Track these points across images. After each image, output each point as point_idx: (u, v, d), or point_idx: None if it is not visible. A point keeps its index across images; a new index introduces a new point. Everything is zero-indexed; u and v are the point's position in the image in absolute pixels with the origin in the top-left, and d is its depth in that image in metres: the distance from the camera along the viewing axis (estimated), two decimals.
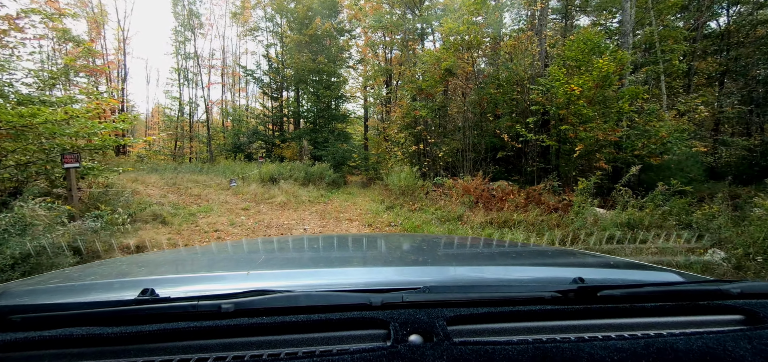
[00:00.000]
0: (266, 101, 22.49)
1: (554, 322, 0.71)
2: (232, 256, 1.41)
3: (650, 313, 0.75)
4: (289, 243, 1.69)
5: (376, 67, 20.04)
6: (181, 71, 24.43)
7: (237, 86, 28.62)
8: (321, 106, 20.09)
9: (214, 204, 8.10)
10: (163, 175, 14.51)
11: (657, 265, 1.24)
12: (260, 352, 0.60)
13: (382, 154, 16.44)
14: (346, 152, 17.25)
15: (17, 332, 0.62)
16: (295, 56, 19.31)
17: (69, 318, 0.64)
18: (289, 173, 11.90)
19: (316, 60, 19.19)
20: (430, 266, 1.17)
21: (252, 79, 21.29)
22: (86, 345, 0.61)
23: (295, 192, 9.84)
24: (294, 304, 0.69)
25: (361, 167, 19.74)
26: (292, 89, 21.25)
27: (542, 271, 1.16)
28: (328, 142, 17.51)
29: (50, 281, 0.99)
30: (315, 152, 17.34)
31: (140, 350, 0.61)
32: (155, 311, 0.65)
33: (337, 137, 19.43)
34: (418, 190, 8.69)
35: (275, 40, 21.57)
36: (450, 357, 0.57)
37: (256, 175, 11.25)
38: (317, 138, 19.18)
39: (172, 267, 1.21)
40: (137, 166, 18.16)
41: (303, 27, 19.49)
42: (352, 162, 18.42)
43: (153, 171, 16.54)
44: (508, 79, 9.30)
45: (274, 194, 9.40)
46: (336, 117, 21.47)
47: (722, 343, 0.62)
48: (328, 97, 20.32)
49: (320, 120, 20.81)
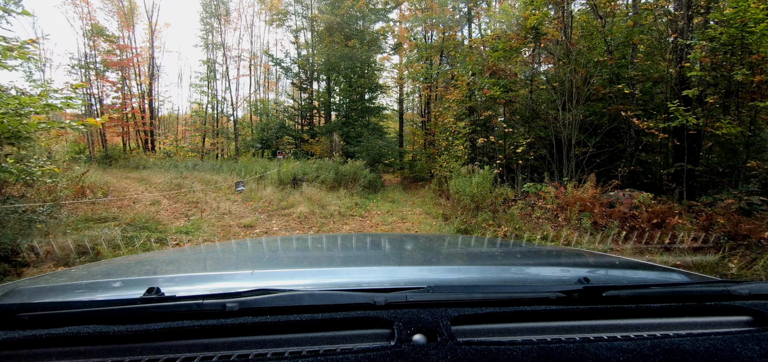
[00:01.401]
0: (295, 93, 20.55)
1: (559, 323, 0.69)
2: (237, 255, 1.39)
3: (656, 314, 0.73)
4: (293, 242, 1.69)
5: (420, 41, 17.35)
6: (209, 63, 23.26)
7: (267, 80, 27.16)
8: (354, 97, 17.75)
9: (211, 216, 5.88)
10: (178, 173, 12.84)
11: (663, 265, 1.23)
12: (265, 351, 0.60)
13: (419, 151, 13.80)
14: (382, 148, 14.69)
15: (25, 330, 0.62)
16: (326, 40, 17.10)
17: (76, 316, 0.64)
18: (316, 173, 9.57)
19: (349, 44, 16.85)
20: (433, 265, 1.17)
21: (280, 68, 19.40)
22: (93, 343, 0.61)
23: (321, 199, 7.43)
24: (298, 303, 0.68)
25: (395, 165, 17.34)
26: (323, 78, 19.07)
27: (547, 271, 1.15)
28: (362, 137, 15.07)
29: (57, 280, 1.02)
30: (347, 148, 14.98)
31: (146, 348, 0.61)
32: (161, 309, 0.65)
33: (372, 131, 17.00)
34: (495, 200, 5.90)
35: (305, 24, 19.52)
36: (454, 357, 0.56)
37: (275, 175, 9.02)
38: (350, 132, 16.85)
39: (177, 266, 1.21)
40: (162, 162, 16.99)
41: (334, 7, 17.22)
42: (388, 159, 15.87)
43: (173, 168, 15.11)
44: (635, 34, 6.20)
45: (293, 202, 7.05)
46: (370, 109, 19.05)
47: (730, 344, 0.61)
48: (362, 87, 17.93)
49: (353, 113, 18.49)
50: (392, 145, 17.22)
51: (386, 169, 16.60)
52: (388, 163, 16.10)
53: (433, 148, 10.81)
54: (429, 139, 14.88)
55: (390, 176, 18.77)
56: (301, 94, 19.76)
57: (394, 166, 17.66)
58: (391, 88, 23.00)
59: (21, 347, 0.60)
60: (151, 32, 23.45)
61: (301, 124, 19.49)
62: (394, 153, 17.58)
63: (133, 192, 8.76)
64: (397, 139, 21.67)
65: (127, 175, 13.06)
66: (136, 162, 17.74)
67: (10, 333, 0.61)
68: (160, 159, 18.48)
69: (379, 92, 19.44)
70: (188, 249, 1.96)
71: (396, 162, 18.13)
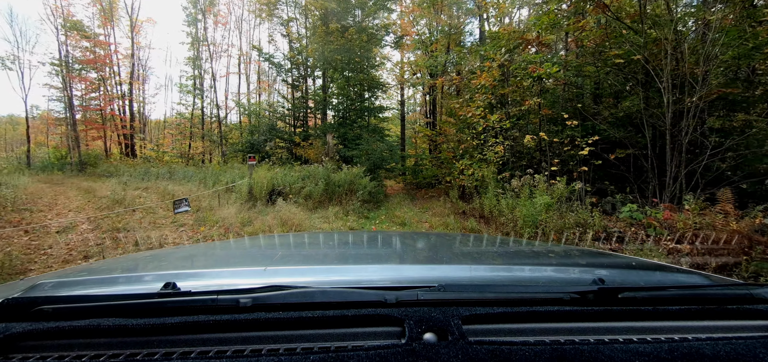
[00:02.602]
0: (287, 92, 18.49)
1: (573, 324, 0.68)
2: (250, 252, 1.40)
3: (674, 317, 0.71)
4: (306, 239, 1.67)
5: (424, 36, 15.44)
6: (195, 62, 21.30)
7: (261, 80, 25.12)
8: (352, 95, 15.69)
9: (123, 254, 3.77)
10: (139, 182, 10.74)
11: (681, 267, 1.17)
12: (277, 346, 0.60)
13: (424, 154, 11.72)
14: (383, 151, 12.54)
15: (49, 321, 0.64)
16: (320, 30, 15.09)
17: (97, 309, 0.65)
18: (301, 182, 7.46)
19: (346, 34, 14.84)
20: (445, 264, 1.14)
21: (271, 64, 17.37)
22: (113, 335, 0.62)
23: (301, 222, 5.30)
24: (310, 300, 0.68)
25: (397, 170, 15.37)
26: (318, 75, 17.01)
27: (561, 272, 1.10)
28: (362, 139, 12.95)
29: (79, 274, 1.02)
30: (344, 152, 12.88)
31: (163, 341, 0.61)
32: (177, 304, 0.66)
33: (372, 132, 14.93)
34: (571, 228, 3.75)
35: (297, 15, 17.53)
36: (465, 357, 0.55)
37: (246, 186, 6.88)
38: (347, 133, 14.79)
39: (192, 262, 1.22)
40: (134, 169, 14.94)
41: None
42: (389, 164, 13.76)
43: (143, 176, 13.06)
44: None
45: (260, 227, 4.93)
46: (370, 109, 17.00)
47: (752, 350, 0.59)
48: (361, 83, 15.90)
49: (351, 113, 16.45)
50: (394, 148, 15.12)
51: (388, 175, 14.51)
52: (389, 169, 13.99)
53: (449, 151, 8.69)
54: (441, 140, 12.78)
55: (392, 182, 16.73)
56: (293, 93, 17.71)
57: (395, 171, 15.62)
58: (392, 87, 21.03)
59: (45, 338, 0.62)
60: (132, 27, 21.53)
61: (294, 125, 17.42)
62: (396, 157, 15.52)
63: (60, 209, 6.67)
64: (399, 142, 19.68)
65: (79, 185, 10.97)
66: (105, 169, 15.70)
67: (35, 325, 0.63)
68: (133, 165, 16.41)
69: (379, 91, 17.41)
70: (203, 245, 1.91)
71: (398, 167, 16.10)
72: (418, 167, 17.52)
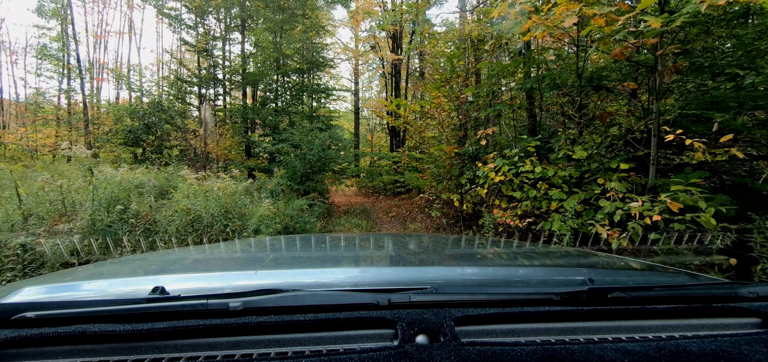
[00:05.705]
0: (196, 62, 13.28)
1: (563, 324, 0.68)
2: (241, 255, 1.36)
3: (662, 315, 0.71)
4: (297, 242, 1.62)
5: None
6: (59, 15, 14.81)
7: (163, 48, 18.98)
8: (284, 69, 11.31)
9: None
10: None
11: (669, 267, 1.19)
12: (268, 351, 0.59)
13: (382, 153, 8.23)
14: (328, 146, 8.42)
15: (32, 328, 0.60)
16: None
17: (83, 315, 0.62)
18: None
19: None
20: (437, 266, 1.13)
21: (160, 14, 12.11)
22: (99, 341, 0.60)
23: None
24: (301, 303, 0.67)
25: (349, 171, 11.73)
26: (236, 36, 12.17)
27: (552, 272, 1.09)
28: (296, 129, 8.67)
29: (64, 279, 0.98)
30: (280, 147, 8.51)
31: (151, 347, 0.60)
32: (166, 309, 0.64)
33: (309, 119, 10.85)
34: None
35: None
36: (458, 358, 0.55)
37: None
38: (275, 121, 10.42)
39: (182, 266, 1.17)
40: None
41: None
42: (338, 165, 9.84)
43: None
44: None
45: None
46: (313, 90, 12.79)
47: (737, 346, 0.60)
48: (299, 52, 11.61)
49: (285, 93, 12.09)
50: (345, 142, 11.20)
51: (337, 178, 10.63)
52: (338, 171, 10.11)
53: (446, 157, 5.39)
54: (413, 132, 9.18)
55: (342, 187, 12.88)
56: (199, 62, 12.65)
57: (347, 173, 11.83)
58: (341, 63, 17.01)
59: (28, 345, 0.59)
60: None
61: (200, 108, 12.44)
62: (349, 156, 11.67)
63: None
64: (353, 139, 15.84)
65: None
66: None
67: (18, 331, 0.59)
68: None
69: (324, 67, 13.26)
70: (193, 249, 1.85)
71: (351, 167, 12.28)
72: (375, 168, 13.86)
